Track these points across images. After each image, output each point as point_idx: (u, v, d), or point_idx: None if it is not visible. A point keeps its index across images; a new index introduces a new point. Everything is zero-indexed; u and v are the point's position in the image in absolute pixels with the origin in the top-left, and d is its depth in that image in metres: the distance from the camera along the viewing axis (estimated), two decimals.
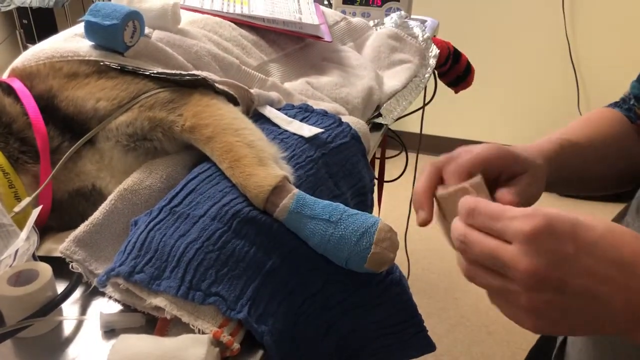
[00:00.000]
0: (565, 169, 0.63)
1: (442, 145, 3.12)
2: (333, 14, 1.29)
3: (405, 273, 0.68)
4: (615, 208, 0.70)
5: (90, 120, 0.72)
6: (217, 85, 0.77)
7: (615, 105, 0.73)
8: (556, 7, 2.72)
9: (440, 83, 1.50)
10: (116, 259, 0.61)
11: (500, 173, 0.55)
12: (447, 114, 2.91)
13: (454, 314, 2.09)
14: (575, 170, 0.65)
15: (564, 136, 0.65)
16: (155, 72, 0.76)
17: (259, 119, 0.81)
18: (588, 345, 0.60)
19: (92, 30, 0.78)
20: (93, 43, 0.80)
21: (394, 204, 2.20)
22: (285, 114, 0.82)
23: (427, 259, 2.33)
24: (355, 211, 0.64)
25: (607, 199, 2.60)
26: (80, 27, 0.83)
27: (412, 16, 1.47)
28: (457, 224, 0.44)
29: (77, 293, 0.65)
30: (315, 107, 0.87)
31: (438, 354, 0.74)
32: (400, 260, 0.63)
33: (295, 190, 0.65)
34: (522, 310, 0.40)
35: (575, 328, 0.40)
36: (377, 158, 1.70)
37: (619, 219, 0.63)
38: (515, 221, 0.39)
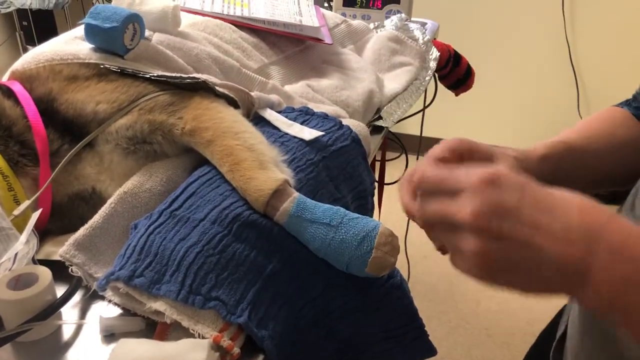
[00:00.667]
0: (561, 170, 0.63)
1: None
2: (333, 17, 1.29)
3: (405, 276, 0.68)
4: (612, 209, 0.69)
5: (90, 123, 0.72)
6: (217, 88, 0.77)
7: (625, 103, 0.72)
8: (556, 10, 2.73)
9: (440, 86, 1.50)
10: (116, 262, 0.61)
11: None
12: (447, 116, 2.90)
13: (453, 317, 2.09)
14: (573, 170, 0.65)
15: (559, 138, 0.66)
16: (155, 75, 0.76)
17: (260, 121, 0.80)
18: (585, 338, 0.60)
19: (92, 33, 0.78)
20: (93, 46, 0.79)
21: (394, 206, 2.20)
22: (286, 116, 0.82)
23: (427, 262, 2.32)
24: (356, 215, 0.64)
25: (603, 200, 2.60)
26: (80, 30, 0.83)
27: (412, 19, 1.47)
28: (407, 205, 0.47)
29: (77, 297, 0.65)
30: (315, 110, 0.87)
31: (438, 357, 0.74)
32: (400, 263, 0.63)
33: (296, 194, 0.65)
34: (470, 259, 0.41)
35: (515, 280, 0.40)
36: (377, 160, 1.69)
37: None
38: (463, 176, 0.41)
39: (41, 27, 2.38)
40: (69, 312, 0.64)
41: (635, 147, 0.68)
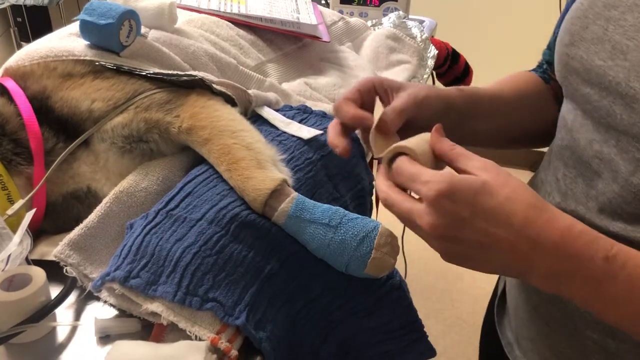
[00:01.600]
0: (477, 107, 0.68)
1: None
2: (331, 14, 1.28)
3: (402, 274, 0.68)
4: None
5: (85, 121, 0.71)
6: (214, 85, 0.76)
7: (533, 70, 0.79)
8: (554, 8, 2.72)
9: (438, 84, 1.49)
10: (111, 263, 0.60)
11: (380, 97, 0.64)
12: None
13: (450, 315, 2.09)
14: (488, 111, 0.69)
15: (472, 89, 0.70)
16: (151, 72, 0.75)
17: (257, 120, 0.80)
18: (518, 290, 0.68)
19: (87, 30, 0.77)
20: (88, 42, 0.78)
21: None
22: (284, 115, 0.81)
23: (424, 261, 2.32)
24: (356, 215, 0.63)
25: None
26: (75, 26, 0.82)
27: (410, 16, 1.46)
28: (380, 187, 0.52)
29: (72, 298, 0.64)
30: (313, 108, 0.86)
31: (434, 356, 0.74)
32: (397, 261, 0.62)
33: (294, 194, 0.64)
34: (435, 248, 0.50)
35: (477, 268, 0.48)
36: (375, 159, 1.69)
37: (533, 179, 0.70)
38: (425, 185, 0.46)
39: (36, 23, 2.37)
40: (64, 314, 0.63)
41: (541, 104, 0.73)
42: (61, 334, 0.61)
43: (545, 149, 0.70)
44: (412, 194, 0.50)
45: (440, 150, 0.50)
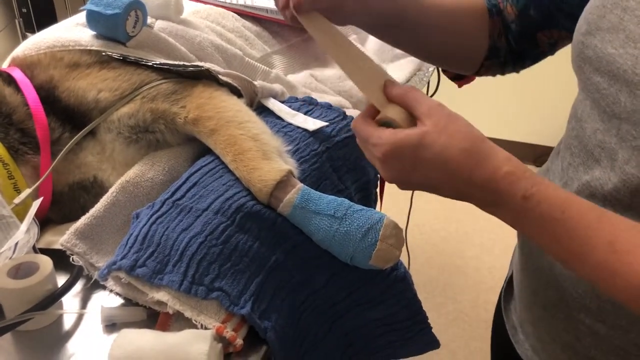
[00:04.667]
0: (392, 25, 0.70)
1: None
2: None
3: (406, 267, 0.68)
4: None
5: (92, 111, 0.71)
6: (220, 77, 0.76)
7: None
8: None
9: (443, 77, 1.49)
10: (118, 252, 0.60)
11: None
12: (449, 107, 2.90)
13: (453, 309, 2.09)
14: (421, 8, 0.70)
15: None
16: (158, 62, 0.75)
17: (263, 111, 0.80)
18: (523, 274, 0.70)
19: (93, 20, 0.77)
20: (95, 33, 0.78)
21: (395, 197, 2.19)
22: (289, 106, 0.81)
23: (427, 254, 2.32)
24: (361, 207, 0.63)
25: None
26: (82, 16, 0.82)
27: None
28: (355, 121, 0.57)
29: (78, 286, 0.64)
30: (319, 100, 0.86)
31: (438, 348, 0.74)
32: (401, 255, 0.63)
33: (300, 185, 0.64)
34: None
35: (430, 192, 0.55)
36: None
37: (545, 170, 0.72)
38: (374, 148, 0.53)
39: (40, 13, 2.36)
40: (70, 302, 0.63)
41: (471, 31, 0.74)
42: (68, 322, 0.61)
43: (549, 143, 0.71)
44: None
45: (394, 97, 0.56)
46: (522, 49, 0.75)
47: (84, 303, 0.63)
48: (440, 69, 1.45)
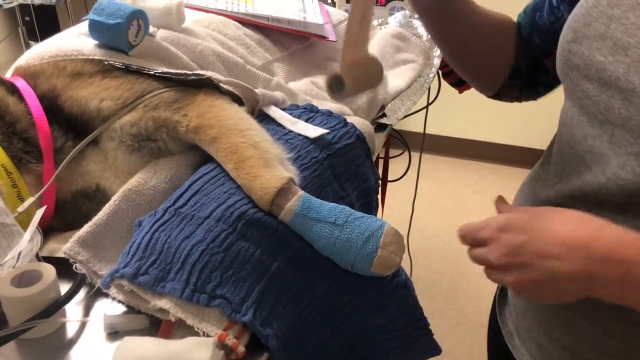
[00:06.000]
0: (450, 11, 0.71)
1: (445, 145, 3.11)
2: (337, 13, 1.28)
3: (407, 273, 0.69)
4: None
5: (94, 120, 0.72)
6: (222, 85, 0.76)
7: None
8: None
9: (444, 83, 1.49)
10: (120, 260, 0.61)
11: None
12: (450, 114, 2.90)
13: (455, 314, 2.09)
14: (459, 14, 0.72)
15: None
16: (159, 71, 0.75)
17: (264, 119, 0.80)
18: None
19: (96, 29, 0.77)
20: (97, 42, 0.79)
21: (397, 203, 2.20)
22: (290, 114, 0.81)
23: (429, 259, 2.32)
24: (361, 214, 0.63)
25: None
26: (84, 26, 0.82)
27: (416, 16, 1.46)
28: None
29: (81, 294, 0.65)
30: (319, 107, 0.87)
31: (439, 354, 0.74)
32: (402, 260, 0.63)
33: (301, 193, 0.64)
34: (509, 283, 0.54)
35: (544, 296, 0.53)
36: (381, 158, 1.69)
37: (531, 175, 0.74)
38: (484, 229, 0.54)
39: (43, 22, 2.38)
40: (73, 310, 0.64)
41: (507, 45, 0.76)
42: (70, 330, 0.61)
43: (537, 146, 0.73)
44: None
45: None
46: (534, 76, 0.77)
47: (87, 311, 0.64)
48: (441, 74, 1.45)
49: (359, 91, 0.71)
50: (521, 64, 0.76)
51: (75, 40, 0.81)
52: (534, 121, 2.94)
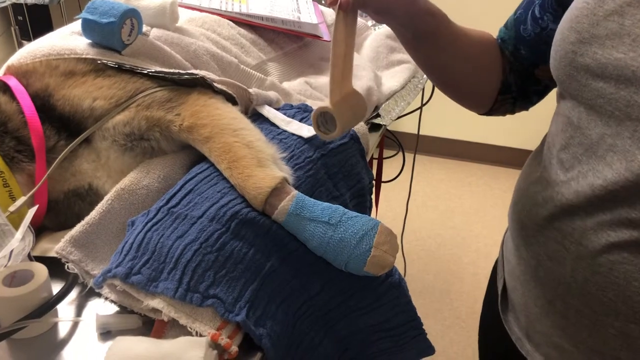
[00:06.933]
0: (440, 23, 0.71)
1: (438, 145, 3.12)
2: (332, 13, 1.28)
3: (400, 273, 0.69)
4: None
5: (87, 119, 0.71)
6: (215, 84, 0.76)
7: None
8: None
9: None
10: (113, 259, 0.61)
11: None
12: (444, 115, 2.91)
13: (449, 315, 2.09)
14: (446, 35, 0.72)
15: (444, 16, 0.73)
16: (153, 70, 0.75)
17: (258, 118, 0.80)
18: (529, 287, 0.67)
19: (89, 28, 0.77)
20: (90, 41, 0.79)
21: (391, 204, 2.20)
22: (284, 113, 0.81)
23: (423, 260, 2.33)
24: (355, 214, 0.63)
25: None
26: (77, 25, 0.82)
27: None
28: None
29: (73, 294, 0.64)
30: (314, 107, 0.87)
31: (433, 355, 0.74)
32: (396, 261, 0.63)
33: (295, 192, 0.64)
34: None
35: None
36: (375, 158, 1.69)
37: (535, 180, 0.71)
38: None
39: (36, 22, 2.37)
40: (65, 310, 0.63)
41: (491, 65, 0.76)
42: (63, 330, 0.61)
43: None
44: None
45: None
46: (525, 88, 0.77)
47: (79, 311, 0.63)
48: None
49: (348, 127, 0.72)
50: (509, 79, 0.76)
51: (68, 39, 0.80)
52: (526, 122, 2.95)
